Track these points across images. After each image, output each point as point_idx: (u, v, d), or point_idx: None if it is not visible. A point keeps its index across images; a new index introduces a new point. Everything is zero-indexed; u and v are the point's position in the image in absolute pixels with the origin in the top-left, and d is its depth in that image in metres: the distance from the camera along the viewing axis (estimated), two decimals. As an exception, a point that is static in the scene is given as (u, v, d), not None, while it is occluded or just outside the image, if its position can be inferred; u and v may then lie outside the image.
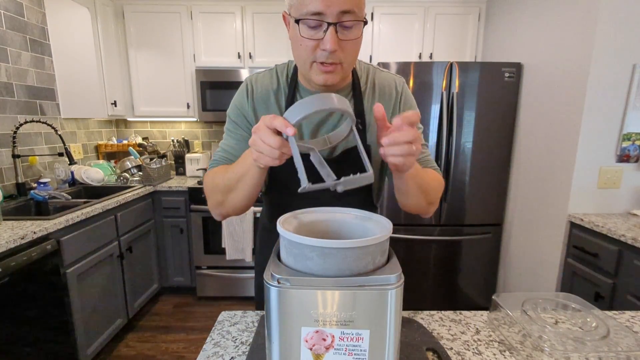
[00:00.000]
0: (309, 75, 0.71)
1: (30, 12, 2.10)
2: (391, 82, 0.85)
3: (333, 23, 0.62)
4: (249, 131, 0.83)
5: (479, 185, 2.33)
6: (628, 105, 1.68)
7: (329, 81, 0.69)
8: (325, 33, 0.63)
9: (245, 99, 0.83)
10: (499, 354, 0.66)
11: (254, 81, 0.84)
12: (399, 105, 0.85)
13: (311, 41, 0.65)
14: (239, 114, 0.84)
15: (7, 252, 1.34)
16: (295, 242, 0.46)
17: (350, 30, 0.65)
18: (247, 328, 0.74)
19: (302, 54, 0.68)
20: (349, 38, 0.65)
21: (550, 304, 0.78)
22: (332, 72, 0.68)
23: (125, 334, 2.23)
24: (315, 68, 0.69)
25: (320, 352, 0.46)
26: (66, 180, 2.32)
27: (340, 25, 0.63)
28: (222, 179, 0.74)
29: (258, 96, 0.83)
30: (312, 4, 0.61)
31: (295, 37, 0.67)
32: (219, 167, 0.82)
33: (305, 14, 0.62)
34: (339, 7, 0.61)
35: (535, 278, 2.07)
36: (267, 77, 0.84)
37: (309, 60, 0.68)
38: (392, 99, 0.84)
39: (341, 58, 0.67)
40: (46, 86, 2.23)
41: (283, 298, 0.45)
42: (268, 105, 0.82)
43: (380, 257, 0.47)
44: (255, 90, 0.83)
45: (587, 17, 1.68)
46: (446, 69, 2.18)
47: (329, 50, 0.63)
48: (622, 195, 1.79)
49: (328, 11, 0.61)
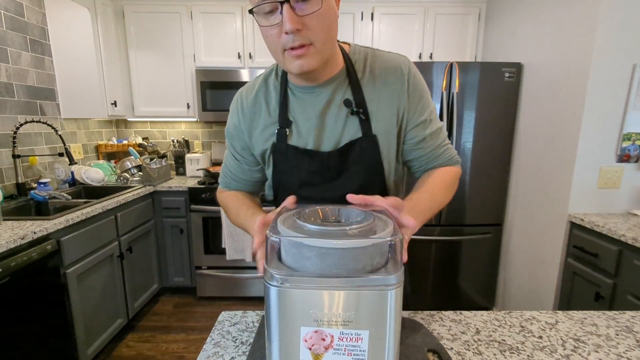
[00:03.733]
0: (285, 66, 0.66)
1: (30, 12, 2.10)
2: (396, 65, 0.76)
3: (285, 0, 0.57)
4: (245, 146, 0.83)
5: (479, 185, 2.33)
6: (628, 105, 1.68)
7: (304, 67, 0.63)
8: (281, 14, 0.58)
9: (238, 119, 0.81)
10: (499, 354, 0.66)
11: (243, 95, 0.81)
12: (408, 93, 0.75)
13: (273, 29, 0.60)
14: (235, 135, 0.82)
15: (7, 252, 1.34)
16: (293, 242, 0.46)
17: (308, 4, 0.58)
18: (247, 328, 0.74)
19: (270, 46, 0.64)
20: (310, 11, 0.59)
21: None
22: (304, 56, 0.62)
23: (125, 334, 2.23)
24: (287, 57, 0.63)
25: (320, 352, 0.46)
26: (66, 180, 2.32)
27: (295, 1, 0.58)
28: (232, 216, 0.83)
29: (247, 110, 0.80)
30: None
31: (261, 31, 0.64)
32: (230, 196, 0.88)
33: (256, 3, 0.59)
34: None
35: (535, 278, 2.07)
36: (254, 85, 0.81)
37: (279, 50, 0.63)
38: (398, 82, 0.75)
39: (310, 37, 0.61)
40: (46, 86, 2.23)
41: (283, 298, 0.45)
42: (258, 112, 0.79)
43: (379, 258, 0.47)
44: (244, 105, 0.80)
45: (587, 17, 1.68)
46: (446, 69, 2.18)
47: (289, 31, 0.58)
48: (622, 195, 1.79)
49: None
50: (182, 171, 2.92)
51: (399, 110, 0.76)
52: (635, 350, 0.68)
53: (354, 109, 0.73)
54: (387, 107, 0.75)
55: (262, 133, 0.79)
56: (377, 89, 0.75)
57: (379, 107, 0.75)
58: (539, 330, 0.74)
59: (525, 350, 0.67)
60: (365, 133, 0.74)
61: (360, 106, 0.74)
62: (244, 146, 0.83)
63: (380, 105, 0.75)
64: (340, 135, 0.75)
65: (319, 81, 0.73)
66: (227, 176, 0.89)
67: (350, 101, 0.74)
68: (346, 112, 0.74)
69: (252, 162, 0.85)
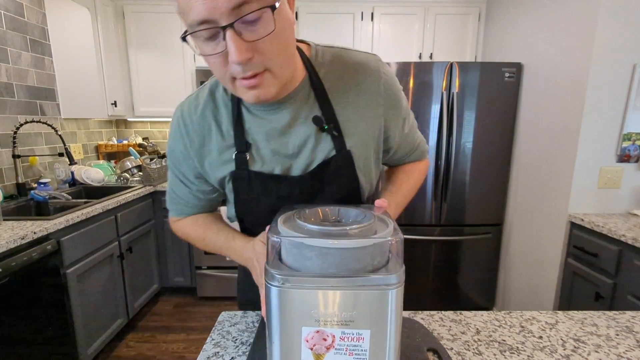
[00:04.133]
0: (238, 95, 0.56)
1: (30, 12, 2.10)
2: (366, 68, 0.66)
3: (228, 25, 0.46)
4: (197, 174, 0.71)
5: (479, 186, 2.33)
6: (628, 105, 1.68)
7: (261, 97, 0.54)
8: (225, 41, 0.47)
9: (184, 144, 0.68)
10: (499, 354, 0.66)
11: (185, 114, 0.68)
12: (383, 97, 0.67)
13: (216, 57, 0.49)
14: (182, 161, 0.70)
15: (7, 252, 1.34)
16: (294, 242, 0.46)
17: (258, 24, 0.47)
18: (248, 328, 0.74)
19: (217, 74, 0.54)
20: (263, 34, 0.48)
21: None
22: (259, 86, 0.52)
23: (126, 334, 2.23)
24: (238, 86, 0.53)
25: (321, 352, 0.46)
26: (66, 180, 2.32)
27: (241, 24, 0.46)
28: (201, 245, 0.76)
29: (194, 134, 0.67)
30: (194, 11, 0.45)
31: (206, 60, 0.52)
32: (188, 224, 0.78)
33: (191, 25, 0.47)
34: (228, 2, 0.44)
35: (535, 278, 2.07)
36: (197, 101, 0.68)
37: (227, 79, 0.53)
38: (372, 91, 0.66)
39: (264, 64, 0.50)
40: (46, 86, 2.23)
41: (284, 298, 0.45)
42: (208, 135, 0.67)
43: (380, 258, 0.47)
44: (188, 126, 0.67)
45: (587, 17, 1.68)
46: (446, 69, 2.18)
47: (237, 62, 0.48)
48: (622, 195, 1.79)
49: (216, 14, 0.45)
50: (182, 171, 2.92)
51: (375, 118, 0.68)
52: (635, 350, 0.68)
53: (325, 126, 0.64)
54: (361, 117, 0.67)
55: (217, 159, 0.68)
56: (349, 98, 0.65)
57: (353, 118, 0.66)
58: (539, 330, 0.74)
59: (525, 351, 0.67)
60: (339, 149, 0.66)
61: (330, 121, 0.64)
62: (196, 174, 0.71)
63: (353, 116, 0.66)
64: (311, 156, 0.66)
65: (279, 100, 0.62)
66: (177, 203, 0.77)
67: (319, 118, 0.64)
68: (315, 129, 0.65)
69: (207, 190, 0.74)
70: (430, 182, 2.32)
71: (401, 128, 0.74)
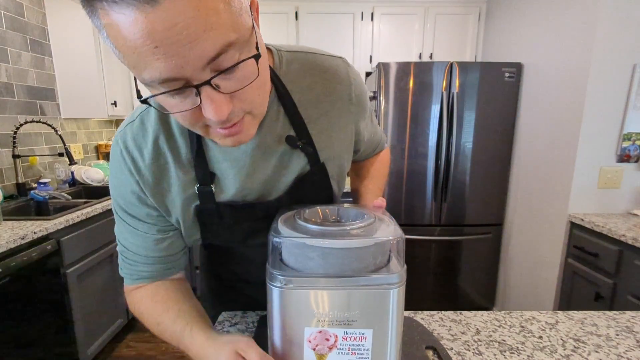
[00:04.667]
0: (214, 140, 0.48)
1: (30, 12, 2.10)
2: (335, 73, 0.60)
3: (204, 83, 0.36)
4: (153, 217, 0.59)
5: (479, 185, 2.33)
6: (628, 105, 1.68)
7: (242, 141, 0.47)
8: (198, 98, 0.38)
9: (135, 183, 0.55)
10: (499, 354, 0.66)
11: (130, 146, 0.55)
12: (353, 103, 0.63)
13: (185, 115, 0.41)
14: (135, 203, 0.57)
15: (7, 252, 1.34)
16: (296, 243, 0.46)
17: (237, 71, 0.38)
18: (247, 328, 0.74)
19: (183, 122, 0.44)
20: (243, 84, 0.40)
21: None
22: (241, 132, 0.45)
23: (126, 334, 2.23)
24: (213, 134, 0.45)
25: (324, 352, 0.46)
26: (66, 180, 2.32)
27: (219, 78, 0.37)
28: (157, 328, 0.59)
29: (147, 170, 0.55)
30: (154, 69, 0.34)
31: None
32: (147, 297, 0.61)
33: (150, 82, 0.36)
34: (202, 58, 0.34)
35: (535, 278, 2.07)
36: (143, 129, 0.55)
37: (198, 126, 0.44)
38: (343, 98, 0.61)
39: (244, 109, 0.43)
40: (46, 86, 2.23)
41: (285, 299, 0.45)
42: (165, 169, 0.56)
43: (381, 257, 0.47)
44: (138, 162, 0.55)
45: (587, 17, 1.69)
46: (446, 69, 2.18)
47: (217, 121, 0.40)
48: (622, 195, 1.79)
49: (187, 72, 0.35)
50: (182, 171, 2.92)
51: (347, 125, 0.64)
52: (636, 350, 0.68)
53: (299, 145, 0.58)
54: (334, 127, 0.62)
55: (180, 196, 0.57)
56: (320, 109, 0.60)
57: (326, 129, 0.61)
58: (539, 330, 0.74)
59: (525, 351, 0.67)
60: (314, 164, 0.61)
61: (303, 136, 0.59)
62: (149, 213, 0.58)
63: (326, 127, 0.61)
64: (286, 176, 0.61)
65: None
66: (132, 262, 0.61)
67: (292, 137, 0.58)
68: (287, 148, 0.59)
69: (167, 227, 0.61)
70: (430, 182, 2.32)
71: (369, 128, 0.75)
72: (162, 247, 0.61)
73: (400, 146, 2.28)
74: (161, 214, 0.59)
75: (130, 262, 0.62)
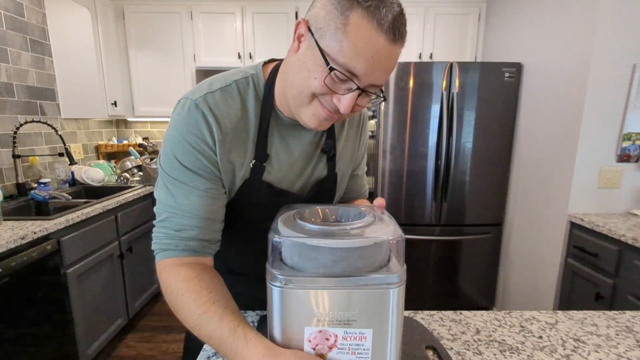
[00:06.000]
0: (300, 109, 0.58)
1: (30, 12, 2.10)
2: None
3: (361, 89, 0.53)
4: (212, 174, 0.62)
5: (479, 185, 2.33)
6: (628, 105, 1.68)
7: (321, 127, 0.61)
8: (348, 92, 0.54)
9: (207, 134, 0.60)
10: (499, 354, 0.66)
11: (213, 107, 0.60)
12: (362, 132, 0.81)
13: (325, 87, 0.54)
14: (197, 157, 0.60)
15: (7, 252, 1.34)
16: (296, 242, 0.46)
17: (367, 99, 0.58)
18: (248, 328, 0.74)
19: (311, 84, 0.54)
20: (362, 104, 0.58)
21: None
22: (330, 121, 0.60)
23: (126, 334, 2.23)
24: (315, 107, 0.57)
25: (324, 352, 0.46)
26: (66, 180, 2.32)
27: (365, 93, 0.55)
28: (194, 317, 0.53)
29: (229, 137, 0.62)
30: (353, 61, 0.50)
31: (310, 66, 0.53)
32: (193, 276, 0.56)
33: (340, 66, 0.51)
34: (376, 79, 0.53)
35: (535, 278, 2.07)
36: (230, 100, 0.62)
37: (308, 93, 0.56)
38: (359, 124, 0.80)
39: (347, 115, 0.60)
40: (46, 86, 2.23)
41: (285, 298, 0.45)
42: (238, 141, 0.63)
43: (381, 257, 0.47)
44: (220, 121, 0.61)
45: (587, 17, 1.69)
46: (446, 69, 2.18)
47: (342, 113, 0.56)
48: (622, 195, 1.79)
49: (364, 78, 0.52)
50: (182, 171, 2.92)
51: (353, 151, 0.80)
52: (635, 350, 0.68)
53: (332, 153, 0.73)
54: (348, 145, 0.78)
55: (238, 162, 0.64)
56: (344, 128, 0.76)
57: (343, 146, 0.77)
58: (539, 330, 0.74)
59: (525, 350, 0.67)
60: (330, 171, 0.75)
61: (333, 147, 0.73)
62: (211, 170, 0.62)
63: (344, 144, 0.77)
64: (311, 175, 0.73)
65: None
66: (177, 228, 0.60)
67: (331, 144, 0.73)
68: (318, 151, 0.73)
69: (220, 190, 0.64)
70: (430, 182, 2.32)
71: (360, 166, 0.87)
72: (214, 209, 0.63)
73: (400, 146, 2.28)
74: (218, 176, 0.63)
75: (177, 228, 0.60)
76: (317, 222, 0.49)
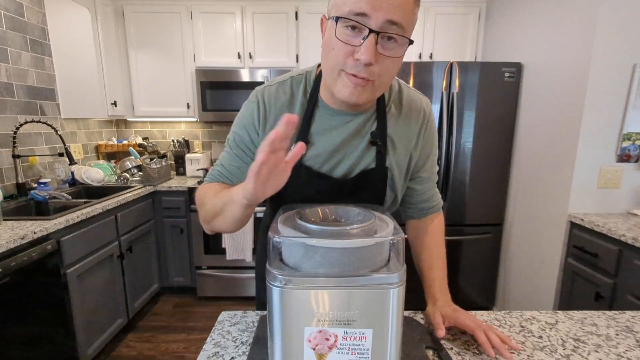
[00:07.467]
0: (334, 86, 0.62)
1: (30, 12, 2.10)
2: (419, 103, 0.78)
3: (375, 31, 0.53)
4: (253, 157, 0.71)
5: (479, 185, 2.33)
6: (628, 105, 1.68)
7: (354, 97, 0.60)
8: (364, 40, 0.54)
9: (256, 120, 0.73)
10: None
11: (266, 97, 0.73)
12: (423, 132, 0.78)
13: (345, 46, 0.56)
14: (247, 139, 0.74)
15: (7, 252, 1.34)
16: (296, 242, 0.46)
17: (393, 46, 0.56)
18: (248, 328, 0.74)
19: (331, 59, 0.59)
20: (389, 55, 0.56)
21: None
22: (361, 87, 0.59)
23: (126, 334, 2.23)
24: (343, 78, 0.59)
25: (324, 352, 0.46)
26: (66, 180, 2.32)
27: (382, 37, 0.54)
28: (210, 202, 0.68)
29: (272, 116, 0.72)
30: (357, 3, 0.53)
31: (328, 40, 0.59)
32: (212, 185, 0.74)
33: (347, 13, 0.54)
34: (387, 14, 0.52)
35: (535, 278, 2.07)
36: (282, 92, 0.73)
37: (337, 67, 0.59)
38: (418, 124, 0.78)
39: (375, 74, 0.58)
40: (46, 86, 2.23)
41: (285, 298, 0.45)
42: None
43: (381, 257, 0.47)
44: (269, 110, 0.73)
45: (587, 17, 1.69)
46: (446, 68, 2.18)
47: (363, 62, 0.55)
48: (622, 195, 1.79)
49: (374, 15, 0.53)
50: (182, 171, 2.92)
51: (412, 150, 0.79)
52: (635, 350, 0.68)
53: (377, 142, 0.73)
54: (403, 145, 0.77)
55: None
56: (398, 125, 0.76)
57: (397, 142, 0.76)
58: (539, 330, 0.74)
59: (525, 350, 0.67)
60: (379, 164, 0.74)
61: (382, 138, 0.74)
62: (253, 151, 0.74)
63: (398, 141, 0.76)
64: (355, 164, 0.74)
65: (356, 110, 0.72)
66: (219, 175, 0.77)
67: (376, 134, 0.73)
68: (367, 142, 0.73)
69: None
70: (430, 182, 2.32)
71: (425, 169, 0.83)
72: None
73: (400, 146, 2.27)
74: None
75: (216, 174, 0.77)
76: (317, 222, 0.49)
